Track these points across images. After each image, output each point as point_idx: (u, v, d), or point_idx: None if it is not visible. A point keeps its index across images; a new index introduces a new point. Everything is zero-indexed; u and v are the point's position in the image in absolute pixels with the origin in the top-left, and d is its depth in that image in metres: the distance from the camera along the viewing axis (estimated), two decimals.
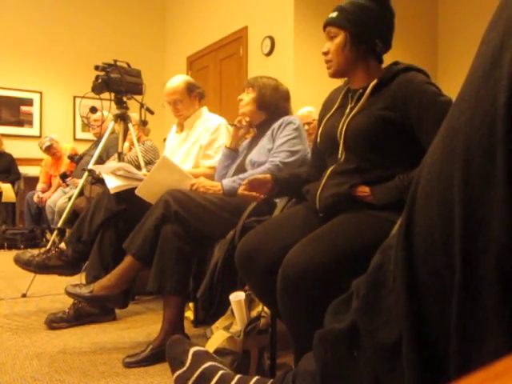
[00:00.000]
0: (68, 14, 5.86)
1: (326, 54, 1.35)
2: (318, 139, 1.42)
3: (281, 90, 1.99)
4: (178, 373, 0.83)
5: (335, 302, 0.61)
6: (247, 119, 2.00)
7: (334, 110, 1.39)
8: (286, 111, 1.99)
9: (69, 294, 1.66)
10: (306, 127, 2.96)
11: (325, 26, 1.35)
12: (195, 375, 0.79)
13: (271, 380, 0.73)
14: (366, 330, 0.50)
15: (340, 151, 1.30)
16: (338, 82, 1.49)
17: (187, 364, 0.83)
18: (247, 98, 1.96)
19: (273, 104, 1.95)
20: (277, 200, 1.72)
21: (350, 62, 1.32)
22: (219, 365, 0.82)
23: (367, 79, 1.32)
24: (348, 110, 1.33)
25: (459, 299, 0.37)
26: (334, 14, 1.32)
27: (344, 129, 1.28)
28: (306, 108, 3.27)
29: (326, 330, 0.59)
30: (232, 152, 2.05)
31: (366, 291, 0.52)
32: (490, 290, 0.35)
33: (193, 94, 2.36)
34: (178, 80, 2.36)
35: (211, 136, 2.26)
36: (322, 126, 1.41)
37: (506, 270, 0.34)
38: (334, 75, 1.37)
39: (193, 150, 2.31)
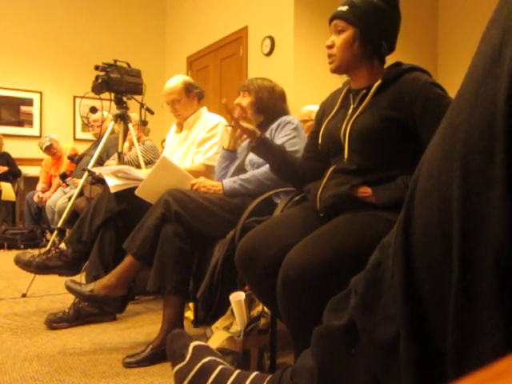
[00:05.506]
0: (68, 14, 5.87)
1: (330, 47, 1.31)
2: (320, 141, 1.40)
3: (277, 91, 1.99)
4: (178, 366, 0.83)
5: (334, 298, 0.61)
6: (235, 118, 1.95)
7: (335, 111, 1.37)
8: (284, 111, 1.98)
9: (68, 287, 1.66)
10: (302, 125, 2.92)
11: (332, 19, 1.30)
12: (195, 369, 0.80)
13: (270, 376, 0.73)
14: (363, 327, 0.51)
15: (346, 152, 1.28)
16: (338, 82, 1.48)
17: (187, 358, 0.83)
18: (244, 102, 1.94)
19: (270, 106, 1.94)
20: (277, 201, 1.72)
21: (356, 60, 1.29)
22: (219, 359, 0.82)
23: (369, 79, 1.31)
24: (351, 111, 1.31)
25: (457, 297, 0.37)
26: (345, 8, 1.27)
27: (348, 130, 1.27)
28: (310, 106, 3.22)
29: (324, 326, 0.59)
30: (230, 153, 2.02)
31: (364, 288, 0.52)
32: (487, 288, 0.35)
33: (191, 95, 2.35)
34: (176, 80, 2.36)
35: (206, 134, 2.26)
36: (323, 127, 1.39)
37: (503, 268, 0.34)
38: (336, 70, 1.33)
39: (191, 149, 2.31)
